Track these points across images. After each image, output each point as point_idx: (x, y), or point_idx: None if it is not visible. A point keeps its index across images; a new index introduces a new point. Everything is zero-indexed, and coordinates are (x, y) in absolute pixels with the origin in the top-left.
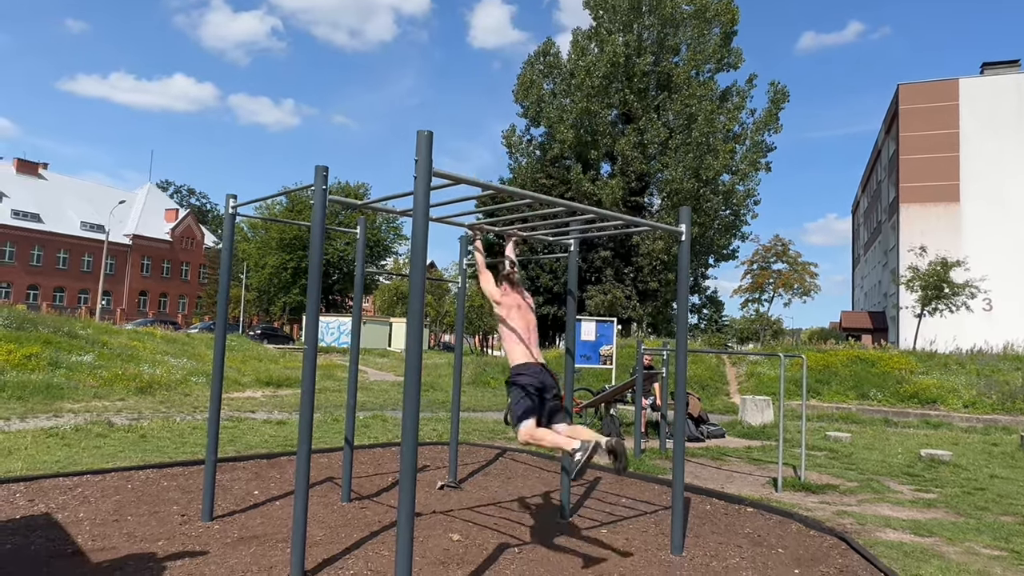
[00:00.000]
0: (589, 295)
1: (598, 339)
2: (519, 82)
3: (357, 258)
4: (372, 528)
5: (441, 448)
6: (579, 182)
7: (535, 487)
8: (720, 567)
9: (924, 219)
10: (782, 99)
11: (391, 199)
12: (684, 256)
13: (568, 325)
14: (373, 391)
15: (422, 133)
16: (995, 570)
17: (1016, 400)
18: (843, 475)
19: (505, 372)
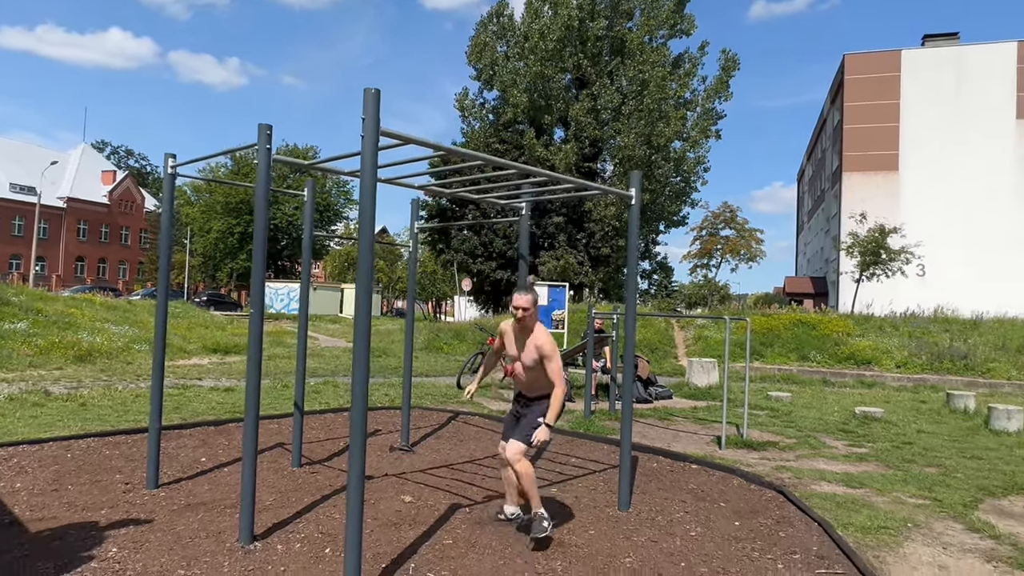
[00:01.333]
0: (542, 261)
1: (550, 304)
2: (472, 44)
3: (305, 222)
4: (323, 492)
5: (393, 412)
6: (532, 147)
7: (487, 449)
8: (665, 521)
9: (865, 187)
10: (733, 67)
11: (338, 159)
12: (634, 220)
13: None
14: (324, 357)
15: (369, 91)
16: (919, 517)
17: (944, 360)
18: (783, 432)
19: (458, 336)
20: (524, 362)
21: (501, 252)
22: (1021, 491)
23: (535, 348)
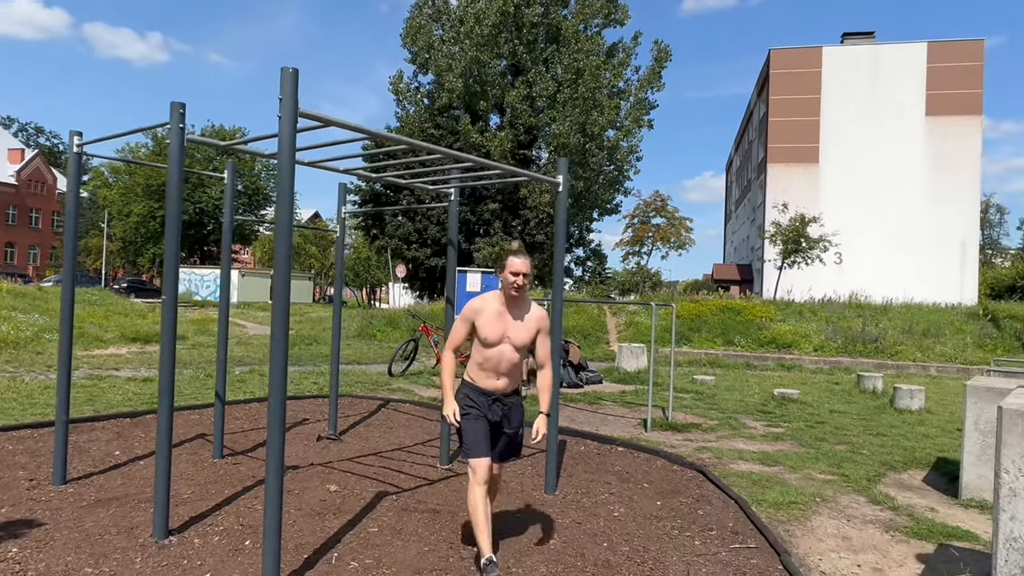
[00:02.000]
0: (477, 247)
1: (483, 290)
2: (407, 26)
3: (226, 205)
4: (245, 483)
5: (322, 401)
6: (468, 133)
7: (417, 436)
8: (590, 503)
9: (788, 178)
10: (665, 58)
11: (258, 140)
12: (561, 207)
13: (449, 275)
14: (252, 345)
15: (287, 70)
16: (827, 492)
17: (856, 344)
18: (706, 414)
19: (392, 323)
20: (516, 343)
21: (436, 239)
22: (919, 465)
23: (536, 322)
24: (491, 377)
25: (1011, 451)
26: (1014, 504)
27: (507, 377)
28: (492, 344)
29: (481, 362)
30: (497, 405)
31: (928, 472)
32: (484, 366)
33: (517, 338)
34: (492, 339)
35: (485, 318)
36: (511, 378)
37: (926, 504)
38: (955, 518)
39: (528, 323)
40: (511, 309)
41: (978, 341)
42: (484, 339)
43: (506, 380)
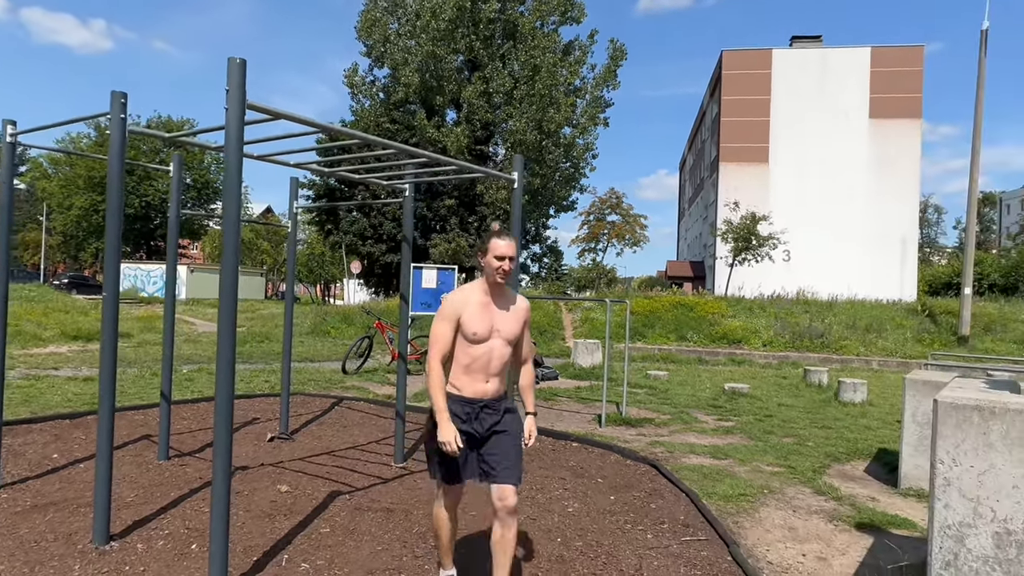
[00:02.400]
0: (434, 243)
1: (439, 287)
2: (362, 19)
3: (172, 198)
4: (192, 485)
5: (273, 400)
6: (424, 128)
7: (371, 434)
8: (544, 498)
9: (739, 177)
10: (621, 56)
11: (205, 132)
12: (517, 202)
13: (403, 271)
14: (201, 343)
15: (234, 60)
16: (774, 484)
17: (804, 339)
18: (659, 409)
19: (346, 320)
20: (507, 336)
21: (391, 235)
22: (862, 456)
23: (523, 312)
24: (480, 380)
25: (946, 442)
26: (948, 493)
27: (498, 378)
28: (481, 340)
29: (468, 363)
30: (486, 413)
31: (870, 463)
32: (472, 367)
33: (508, 331)
34: (481, 334)
35: (471, 312)
36: (502, 379)
37: (867, 494)
38: (894, 507)
39: (516, 314)
40: (496, 299)
41: (917, 336)
42: (472, 335)
43: (497, 382)
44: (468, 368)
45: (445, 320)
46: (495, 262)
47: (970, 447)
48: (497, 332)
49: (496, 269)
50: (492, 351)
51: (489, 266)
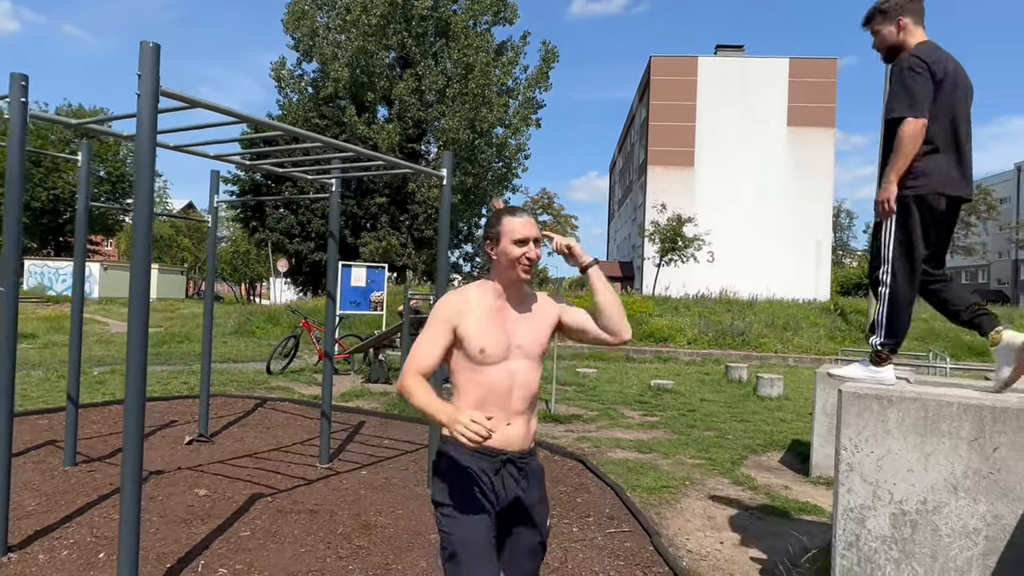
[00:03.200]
0: (364, 242)
1: (368, 285)
2: (289, 11)
3: (80, 190)
4: (101, 492)
5: (192, 401)
6: (354, 124)
7: (295, 435)
8: None
9: (666, 180)
10: (552, 59)
11: (115, 120)
12: (446, 200)
13: (330, 268)
14: (115, 344)
15: (147, 44)
16: (695, 476)
17: (726, 336)
18: (587, 406)
19: (272, 320)
20: (531, 353)
21: (320, 232)
22: (777, 447)
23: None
24: (498, 421)
25: (849, 430)
26: (851, 478)
27: (523, 418)
28: (494, 360)
29: (481, 397)
30: (509, 473)
31: (784, 453)
32: (486, 403)
33: (533, 345)
34: (493, 351)
35: (476, 320)
36: (530, 419)
37: (781, 483)
38: (806, 494)
39: (541, 318)
40: (514, 303)
41: (830, 333)
42: (480, 353)
43: (522, 424)
44: (481, 404)
45: (439, 324)
46: (514, 249)
47: (870, 434)
48: (518, 348)
49: (518, 259)
50: (513, 377)
51: (505, 256)
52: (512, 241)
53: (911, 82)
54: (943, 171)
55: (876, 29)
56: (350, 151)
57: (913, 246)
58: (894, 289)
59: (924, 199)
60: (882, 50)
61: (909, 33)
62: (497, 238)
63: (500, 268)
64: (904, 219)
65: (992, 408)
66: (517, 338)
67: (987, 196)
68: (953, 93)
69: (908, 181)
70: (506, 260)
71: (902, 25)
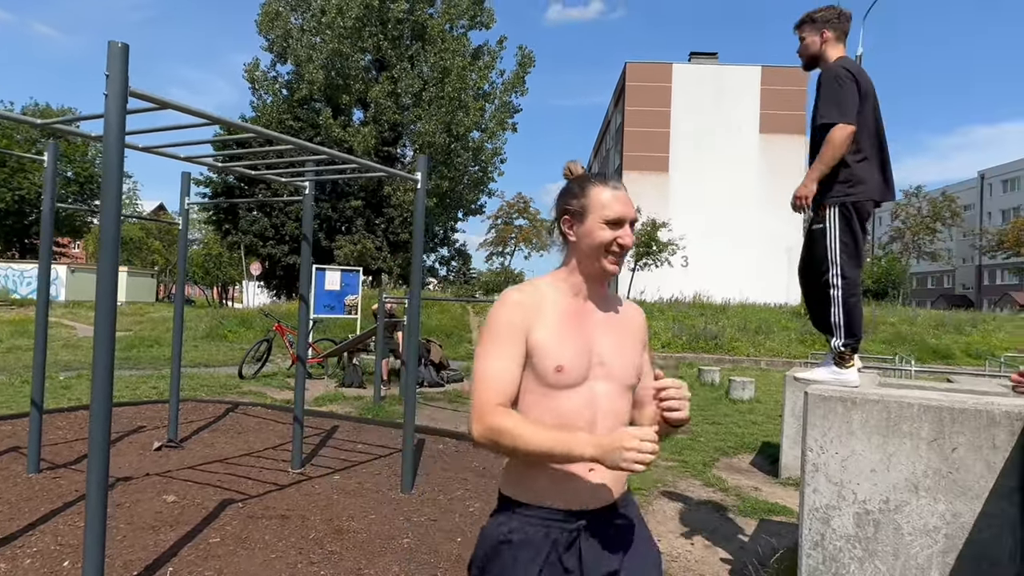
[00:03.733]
0: (339, 245)
1: (343, 289)
2: (263, 12)
3: (45, 190)
4: (66, 499)
5: (161, 406)
6: (329, 127)
7: (268, 440)
8: (446, 500)
9: (641, 185)
10: (529, 63)
11: (82, 120)
12: (420, 203)
13: (303, 271)
14: (82, 348)
15: (115, 44)
16: (668, 478)
17: (699, 340)
18: None
19: (245, 324)
20: (620, 374)
21: (294, 235)
22: (748, 449)
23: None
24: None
25: (815, 431)
26: (816, 478)
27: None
28: (574, 383)
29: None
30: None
31: (755, 455)
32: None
33: (623, 365)
34: (574, 370)
35: (552, 327)
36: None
37: (752, 484)
38: (775, 495)
39: (630, 331)
40: (598, 303)
41: (800, 337)
42: (557, 372)
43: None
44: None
45: (504, 337)
46: (603, 232)
47: (835, 435)
48: (601, 366)
49: (607, 246)
50: (596, 404)
51: (590, 241)
52: (602, 221)
53: (840, 90)
54: (875, 178)
55: (803, 35)
56: (324, 154)
57: (857, 248)
58: (845, 290)
59: (862, 204)
60: (803, 57)
61: (830, 46)
62: (580, 214)
63: (580, 255)
64: (848, 224)
65: (951, 409)
66: (604, 353)
67: (952, 203)
68: (874, 105)
69: (848, 188)
70: (590, 246)
71: (825, 37)
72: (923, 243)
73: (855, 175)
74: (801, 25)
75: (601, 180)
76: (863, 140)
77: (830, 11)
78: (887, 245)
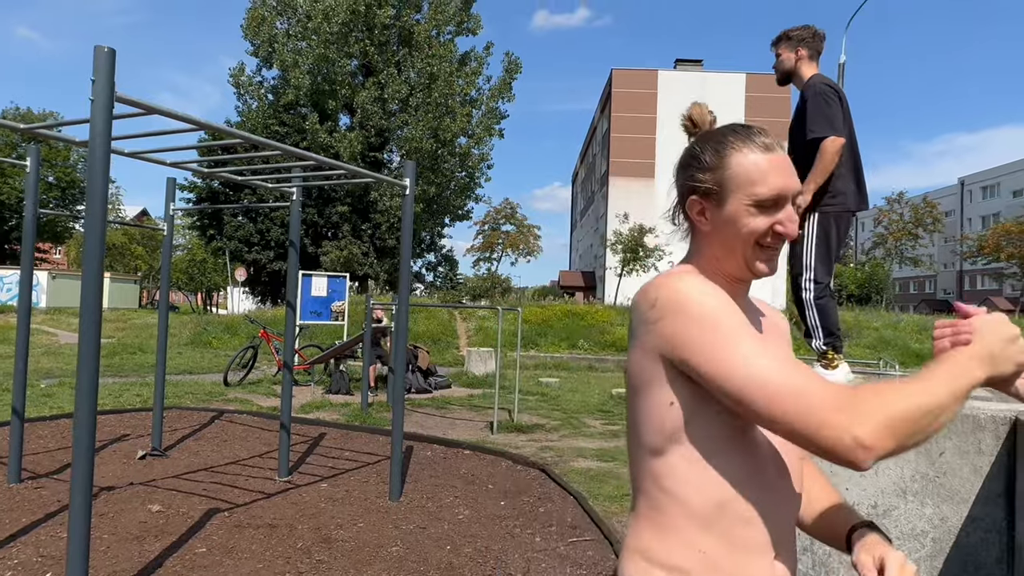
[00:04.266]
0: (325, 251)
1: (330, 295)
2: (248, 17)
3: (27, 196)
4: (48, 509)
5: (145, 414)
6: (315, 132)
7: (254, 448)
8: (435, 507)
9: (628, 190)
10: (515, 70)
11: (67, 125)
12: (408, 209)
13: (289, 278)
14: (64, 356)
15: (101, 49)
16: None
17: None
18: (550, 415)
19: (230, 330)
20: None
21: (279, 241)
22: None
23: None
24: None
25: None
26: None
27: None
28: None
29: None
30: None
31: None
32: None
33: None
34: None
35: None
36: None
37: None
38: None
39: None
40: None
41: None
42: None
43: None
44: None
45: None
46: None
47: None
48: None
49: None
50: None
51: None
52: (751, 202)
53: (828, 107)
54: (853, 190)
55: (779, 52)
56: (312, 159)
57: (829, 253)
58: (816, 292)
59: (841, 215)
60: (778, 72)
61: (804, 64)
62: (720, 191)
63: (716, 249)
64: (825, 232)
65: None
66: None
67: (933, 209)
68: (849, 120)
69: (828, 199)
70: (733, 238)
71: (800, 55)
72: (905, 248)
73: (836, 187)
74: (778, 42)
75: (747, 136)
76: (845, 154)
77: (805, 30)
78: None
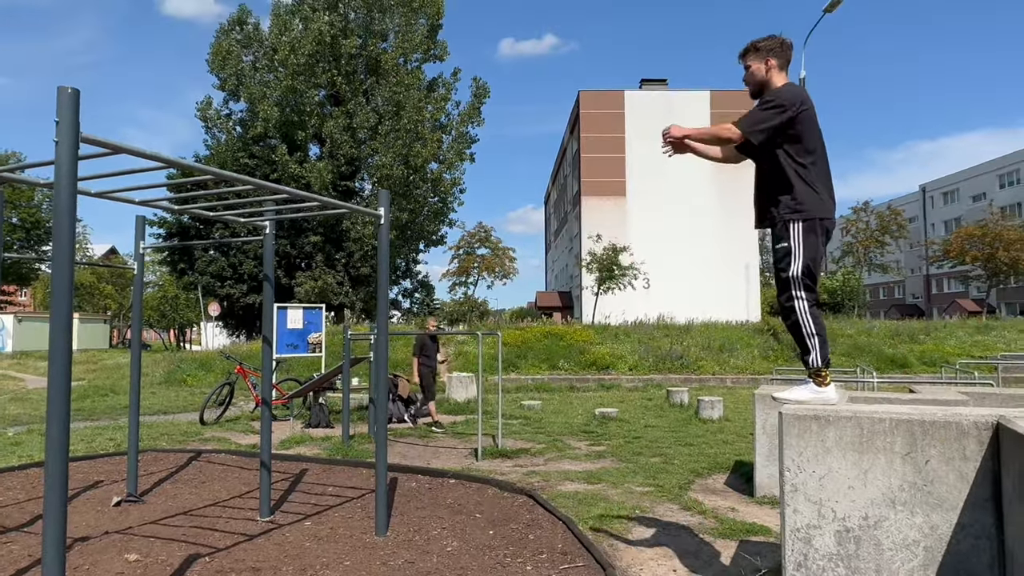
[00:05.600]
0: (299, 281)
1: (306, 327)
2: (213, 51)
3: None
4: (19, 564)
5: (119, 459)
6: (285, 163)
7: (233, 488)
8: (422, 540)
9: (600, 210)
10: (484, 94)
11: (32, 167)
12: (384, 238)
13: (265, 312)
14: (31, 401)
15: (64, 90)
16: (644, 504)
17: (665, 361)
18: (534, 439)
19: (204, 367)
20: None
21: (252, 274)
22: (721, 469)
23: None
24: None
25: (791, 451)
26: (796, 498)
27: None
28: None
29: None
30: None
31: (729, 475)
32: None
33: None
34: None
35: None
36: None
37: (728, 505)
38: (752, 515)
39: None
40: None
41: (763, 353)
42: None
43: None
44: None
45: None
46: None
47: (811, 454)
48: None
49: None
50: None
51: None
52: None
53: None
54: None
55: (748, 64)
56: (284, 192)
57: (816, 264)
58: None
59: (824, 224)
60: (751, 85)
61: (775, 74)
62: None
63: None
64: (811, 241)
65: (921, 422)
66: None
67: (898, 216)
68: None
69: (814, 210)
70: None
71: (770, 65)
72: (874, 256)
73: (821, 196)
74: (745, 54)
75: None
76: (820, 164)
77: (772, 40)
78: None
